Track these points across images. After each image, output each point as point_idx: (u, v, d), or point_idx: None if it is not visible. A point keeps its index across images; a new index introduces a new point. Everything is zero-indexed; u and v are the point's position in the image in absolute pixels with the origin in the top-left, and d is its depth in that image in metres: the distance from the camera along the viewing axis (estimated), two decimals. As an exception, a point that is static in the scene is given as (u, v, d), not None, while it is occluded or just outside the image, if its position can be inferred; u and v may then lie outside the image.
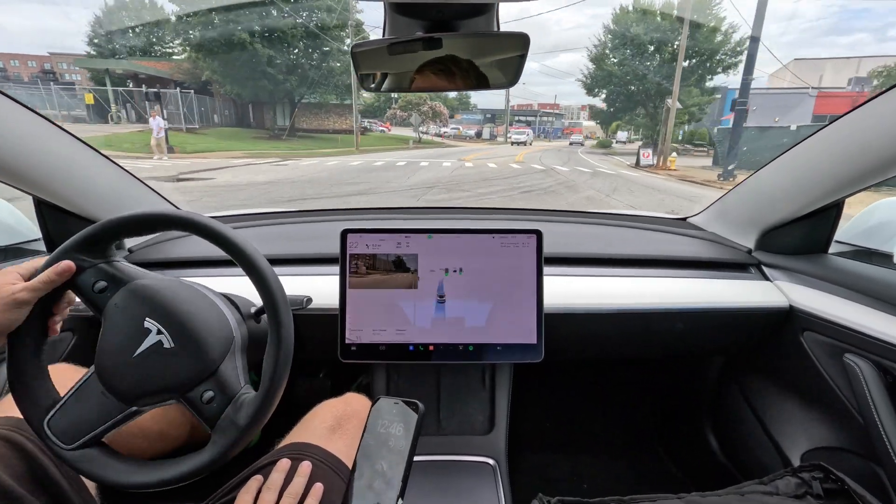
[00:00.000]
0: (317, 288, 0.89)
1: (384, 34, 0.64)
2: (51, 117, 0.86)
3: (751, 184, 1.07)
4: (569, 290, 0.95)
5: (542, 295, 0.86)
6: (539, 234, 0.86)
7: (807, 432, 0.96)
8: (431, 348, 0.86)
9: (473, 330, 0.86)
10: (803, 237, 1.01)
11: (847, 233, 1.08)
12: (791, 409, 1.01)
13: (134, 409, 0.55)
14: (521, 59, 0.67)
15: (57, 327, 0.59)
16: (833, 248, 1.03)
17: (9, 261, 0.96)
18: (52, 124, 0.85)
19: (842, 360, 0.83)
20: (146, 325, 0.55)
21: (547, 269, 0.89)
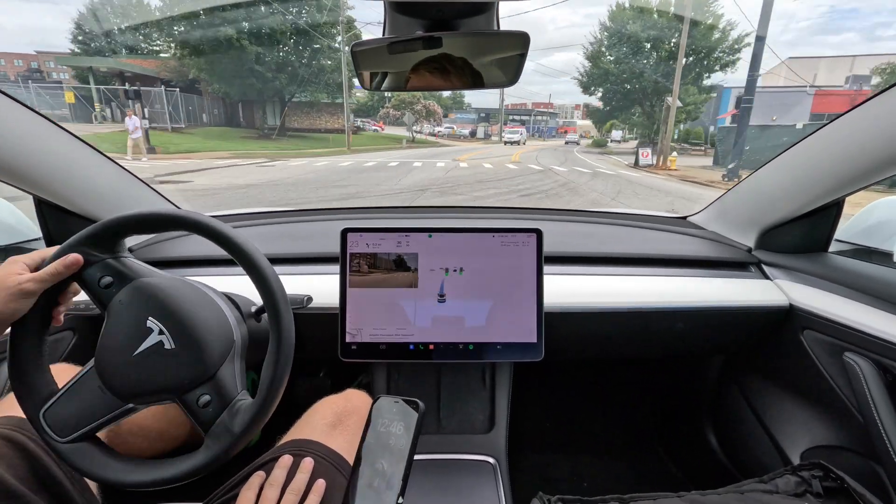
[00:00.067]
0: (317, 287, 0.89)
1: (384, 33, 0.64)
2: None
3: (751, 183, 1.07)
4: (569, 289, 0.95)
5: (542, 294, 0.86)
6: (539, 232, 0.86)
7: (806, 431, 0.96)
8: (432, 347, 0.86)
9: (473, 329, 0.86)
10: (803, 236, 1.01)
11: (847, 231, 1.08)
12: (791, 408, 1.01)
13: (130, 406, 0.55)
14: (521, 58, 0.66)
15: (61, 317, 0.59)
16: (833, 247, 1.03)
17: None
18: (52, 124, 0.85)
19: (842, 359, 0.83)
20: (149, 324, 0.55)
21: (547, 268, 0.89)
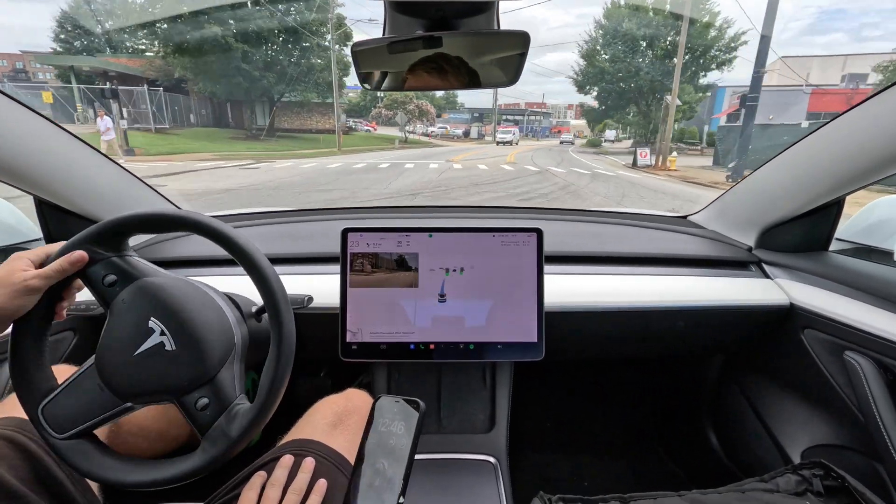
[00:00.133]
0: (317, 287, 0.89)
1: (384, 33, 0.64)
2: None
3: (751, 182, 1.07)
4: (569, 289, 0.95)
5: (542, 293, 0.86)
6: (539, 232, 0.86)
7: (807, 430, 0.96)
8: (432, 347, 0.86)
9: (474, 328, 0.86)
10: (804, 235, 1.01)
11: (847, 230, 1.08)
12: (791, 407, 1.01)
13: (128, 405, 0.55)
14: (522, 57, 0.66)
15: (63, 312, 0.59)
16: (833, 246, 1.03)
17: None
18: (52, 124, 0.85)
19: (842, 358, 0.83)
20: (150, 324, 0.55)
21: (547, 268, 0.89)
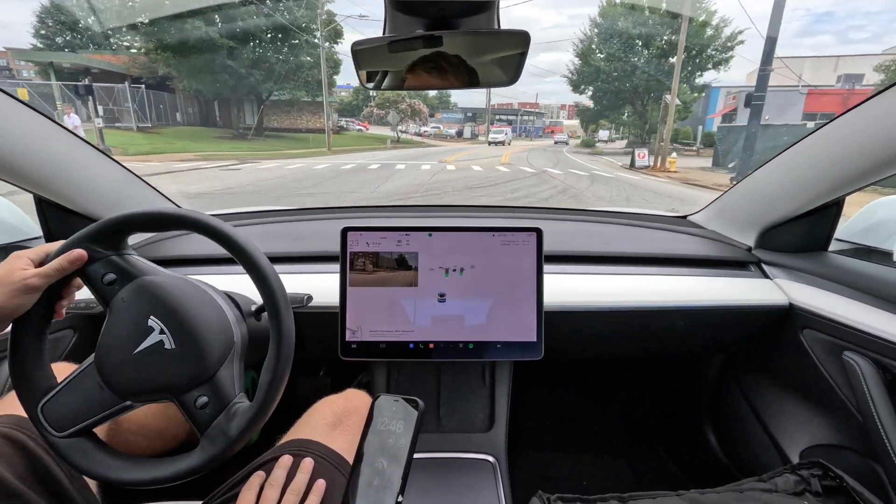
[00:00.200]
0: (317, 286, 0.89)
1: (384, 32, 0.64)
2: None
3: (751, 182, 1.07)
4: (569, 289, 0.95)
5: (542, 293, 0.86)
6: (539, 232, 0.86)
7: (806, 430, 0.96)
8: (432, 346, 0.86)
9: (473, 328, 0.86)
10: (803, 235, 1.01)
11: (847, 231, 1.08)
12: (790, 407, 1.01)
13: (127, 403, 0.55)
14: (522, 56, 0.66)
15: (63, 311, 0.59)
16: (833, 246, 1.03)
17: None
18: (53, 122, 0.85)
19: (841, 358, 0.83)
20: (150, 323, 0.55)
21: (547, 268, 0.89)
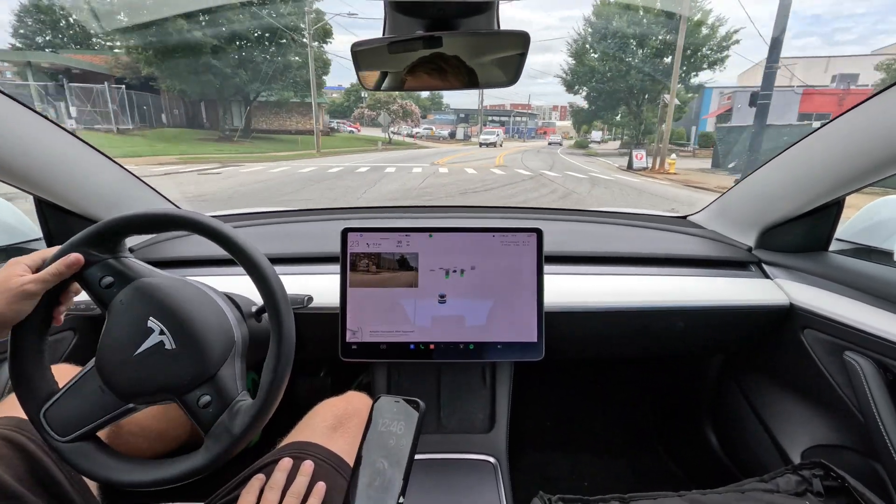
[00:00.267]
0: (317, 287, 0.89)
1: (384, 33, 0.64)
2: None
3: (751, 182, 1.07)
4: (569, 289, 0.95)
5: (542, 293, 0.86)
6: (539, 232, 0.86)
7: (807, 430, 0.96)
8: (432, 347, 0.86)
9: (474, 328, 0.86)
10: (804, 235, 1.01)
11: (847, 230, 1.08)
12: (791, 407, 1.01)
13: (130, 405, 0.55)
14: (522, 57, 0.66)
15: (61, 317, 0.59)
16: (834, 246, 1.03)
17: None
18: (53, 124, 0.85)
19: (842, 358, 0.83)
20: (149, 324, 0.55)
21: (547, 268, 0.89)
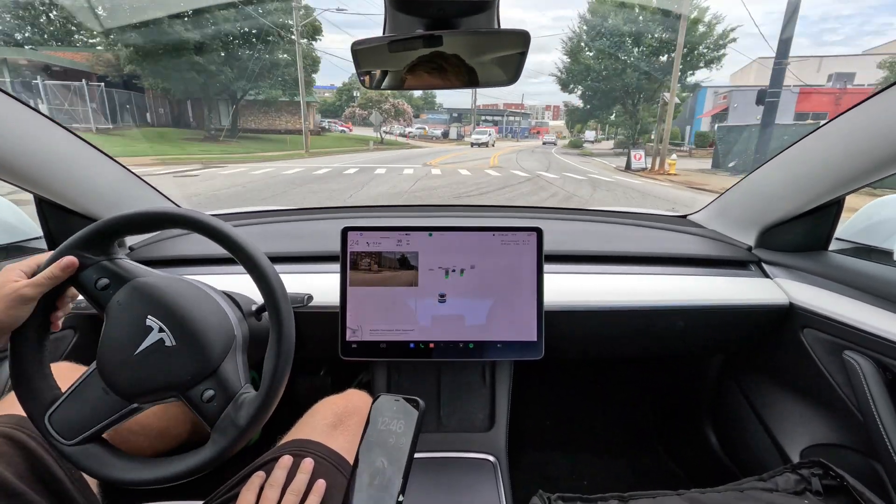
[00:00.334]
0: (317, 286, 0.89)
1: (384, 32, 0.64)
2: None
3: (751, 181, 1.07)
4: (569, 288, 0.95)
5: (542, 292, 0.86)
6: (539, 231, 0.86)
7: (806, 429, 0.96)
8: (432, 346, 0.86)
9: (474, 327, 0.86)
10: (804, 234, 1.01)
11: (847, 230, 1.08)
12: (790, 407, 1.01)
13: (134, 405, 0.55)
14: (522, 56, 0.66)
15: (59, 322, 0.59)
16: (833, 246, 1.03)
17: (11, 259, 0.96)
18: (53, 122, 0.85)
19: (841, 357, 0.83)
20: (148, 322, 0.55)
21: (547, 267, 0.89)
